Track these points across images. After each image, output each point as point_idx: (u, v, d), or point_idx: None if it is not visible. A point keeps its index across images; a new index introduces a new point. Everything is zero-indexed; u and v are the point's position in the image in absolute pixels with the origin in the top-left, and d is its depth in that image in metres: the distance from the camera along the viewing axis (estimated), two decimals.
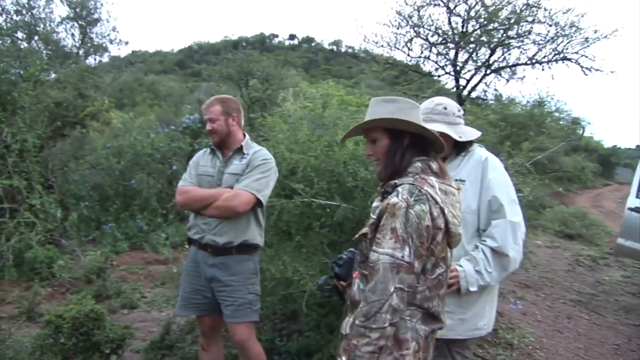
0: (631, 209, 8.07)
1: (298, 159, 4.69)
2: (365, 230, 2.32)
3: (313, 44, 71.56)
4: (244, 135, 3.97)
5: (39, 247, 8.21)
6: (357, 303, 2.26)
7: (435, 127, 2.80)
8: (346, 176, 4.54)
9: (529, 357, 5.25)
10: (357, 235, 2.38)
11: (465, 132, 3.06)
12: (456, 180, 2.59)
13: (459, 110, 3.12)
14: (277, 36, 78.37)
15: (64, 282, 7.72)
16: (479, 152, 3.09)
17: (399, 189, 2.22)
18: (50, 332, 4.00)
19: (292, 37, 76.47)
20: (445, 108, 3.06)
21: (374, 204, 2.38)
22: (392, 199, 2.19)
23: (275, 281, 4.40)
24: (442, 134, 2.69)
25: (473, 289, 2.87)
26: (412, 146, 2.35)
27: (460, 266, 2.86)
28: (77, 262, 8.44)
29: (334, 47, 67.05)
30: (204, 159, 3.97)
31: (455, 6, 11.12)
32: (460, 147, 3.08)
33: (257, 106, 14.85)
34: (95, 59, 20.64)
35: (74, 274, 7.91)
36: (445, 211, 2.23)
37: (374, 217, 2.27)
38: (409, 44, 11.24)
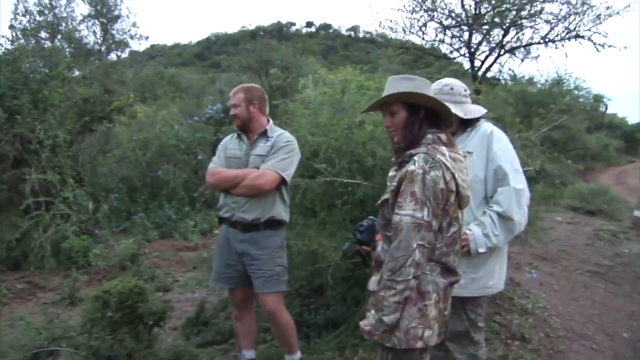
0: None
1: (320, 142, 4.97)
2: (386, 196, 2.62)
3: (330, 31, 71.47)
4: (268, 120, 4.26)
5: (74, 237, 8.58)
6: (382, 262, 2.55)
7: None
8: (366, 156, 4.82)
9: (544, 322, 5.49)
10: (379, 201, 2.67)
11: (470, 110, 3.35)
12: (465, 152, 2.86)
13: (465, 90, 3.42)
14: (294, 24, 78.51)
15: (99, 269, 8.09)
16: (485, 126, 3.37)
17: (415, 157, 2.51)
18: (98, 307, 4.35)
19: (309, 24, 76.59)
20: (452, 89, 3.37)
21: (391, 174, 2.69)
22: (410, 167, 2.49)
23: (302, 255, 4.70)
24: None
25: (482, 250, 3.16)
26: (426, 119, 2.63)
27: (470, 230, 3.14)
28: (111, 250, 8.80)
29: (352, 33, 66.92)
30: (231, 143, 4.29)
31: None
32: (468, 123, 3.36)
33: (278, 94, 15.09)
34: (116, 55, 21.08)
35: (109, 262, 8.27)
36: (456, 176, 2.52)
37: (394, 184, 2.55)
38: (423, 28, 11.44)
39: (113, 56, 20.91)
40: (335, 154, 4.89)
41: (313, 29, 74.23)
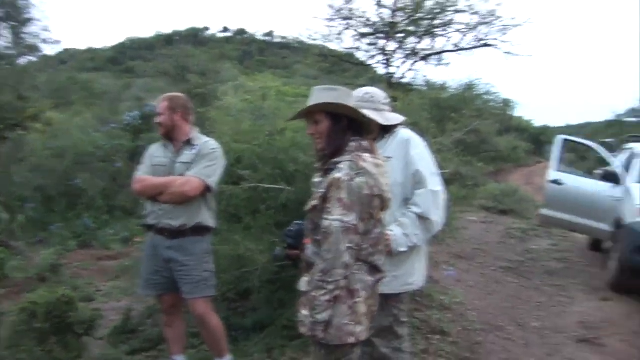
0: (551, 182, 8.82)
1: (243, 148, 5.07)
2: (315, 202, 2.75)
3: (246, 36, 71.16)
4: (193, 128, 4.34)
5: None
6: (312, 264, 2.70)
7: (364, 113, 3.24)
8: (288, 162, 4.95)
9: (462, 316, 5.80)
10: (308, 207, 2.80)
11: (389, 118, 3.54)
12: (385, 157, 3.03)
13: (385, 99, 3.60)
14: (209, 29, 77.74)
15: (17, 282, 7.86)
16: (403, 132, 3.57)
17: (341, 165, 2.67)
18: (25, 318, 4.29)
19: (225, 29, 76.01)
20: (372, 97, 3.54)
21: (316, 180, 2.84)
22: (337, 175, 2.64)
23: (228, 260, 4.79)
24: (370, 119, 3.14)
25: (403, 249, 3.35)
26: (349, 128, 2.79)
27: (391, 231, 3.32)
28: (29, 262, 8.56)
29: (268, 39, 66.86)
30: (157, 151, 4.33)
31: None
32: (387, 130, 3.54)
33: (197, 100, 15.03)
34: (27, 60, 20.36)
35: (27, 274, 8.05)
36: (379, 180, 2.69)
37: (322, 190, 2.70)
38: (340, 36, 11.70)
39: (23, 61, 20.18)
40: (258, 160, 5.01)
41: (229, 34, 73.71)
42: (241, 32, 71.47)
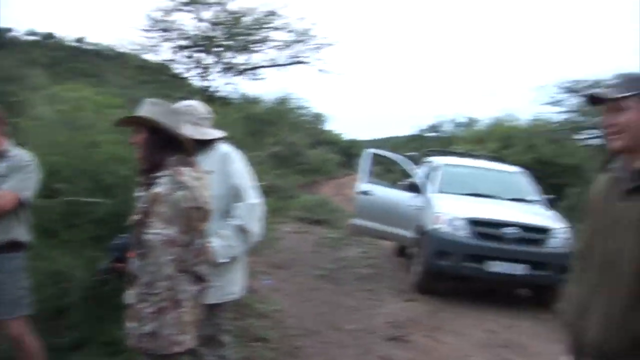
0: (360, 193, 9.44)
1: (59, 161, 4.90)
2: (137, 217, 2.79)
3: (55, 40, 67.04)
4: (5, 141, 4.12)
5: None
6: (137, 277, 2.73)
7: (181, 127, 3.32)
8: (106, 175, 4.86)
9: (281, 323, 6.04)
10: (131, 222, 2.83)
11: (207, 132, 3.64)
12: (205, 170, 3.13)
13: (205, 113, 3.70)
14: (12, 30, 72.23)
15: None
16: (222, 147, 3.70)
17: (161, 180, 2.74)
18: None
19: (32, 32, 71.09)
20: (192, 111, 3.62)
21: (139, 194, 2.87)
22: (157, 189, 2.71)
23: (43, 276, 4.59)
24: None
25: (223, 260, 3.47)
26: (167, 143, 2.86)
27: (211, 242, 3.41)
28: None
29: (79, 45, 63.57)
30: None
31: (200, 11, 11.67)
32: (207, 144, 3.63)
33: (6, 109, 13.97)
34: None
35: None
36: (199, 194, 2.78)
37: (144, 205, 2.75)
38: (157, 47, 11.60)
39: None
40: (74, 173, 4.86)
41: (36, 38, 69.11)
42: (49, 36, 67.20)
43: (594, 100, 2.34)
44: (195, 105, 3.73)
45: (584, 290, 2.33)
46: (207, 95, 11.41)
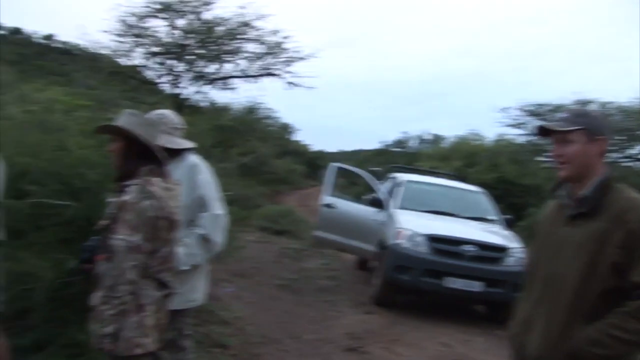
0: (324, 205, 9.60)
1: (28, 162, 4.94)
2: (105, 221, 2.90)
3: (21, 36, 65.67)
4: None
5: None
6: (102, 280, 2.84)
7: (154, 138, 3.42)
8: (76, 178, 4.93)
9: (241, 331, 6.13)
10: (99, 226, 2.94)
11: (176, 142, 3.75)
12: (175, 181, 3.24)
13: (177, 123, 3.80)
14: None
15: None
16: (190, 158, 3.82)
17: (130, 189, 2.85)
18: None
19: None
20: (164, 120, 3.73)
21: (112, 200, 2.97)
22: (125, 197, 2.84)
23: (10, 276, 4.62)
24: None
25: (185, 268, 3.58)
26: (142, 154, 2.97)
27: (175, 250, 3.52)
28: None
29: (47, 42, 62.40)
30: None
31: (174, 19, 11.72)
32: (177, 154, 3.74)
33: None
34: None
35: None
36: (167, 204, 2.90)
37: (112, 210, 2.86)
38: (130, 52, 11.62)
39: None
40: (43, 175, 4.91)
41: (2, 32, 67.74)
42: (16, 31, 65.84)
43: (543, 131, 2.54)
44: (168, 114, 3.83)
45: (528, 306, 2.52)
46: (177, 103, 11.44)
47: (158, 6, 11.25)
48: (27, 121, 5.82)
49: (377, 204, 9.44)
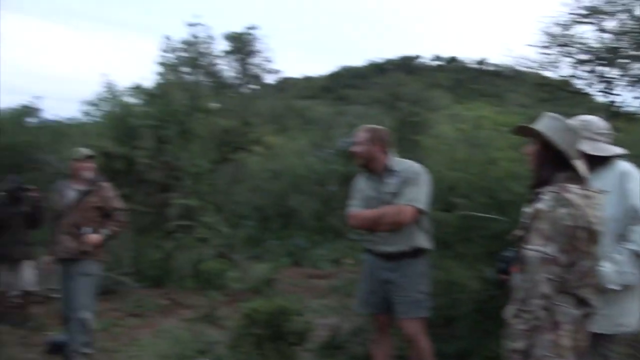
0: None
1: (457, 177, 5.12)
2: (519, 232, 2.77)
3: (457, 64, 70.40)
4: (390, 156, 4.40)
5: (212, 259, 9.09)
6: (516, 292, 2.71)
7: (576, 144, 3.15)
8: (502, 192, 4.91)
9: None
10: (514, 237, 2.83)
11: (602, 149, 3.37)
12: (599, 189, 2.92)
13: (602, 129, 3.44)
14: (419, 57, 77.78)
15: (234, 292, 8.50)
16: (620, 165, 3.39)
17: (544, 196, 2.66)
18: (246, 323, 4.71)
19: (436, 58, 75.90)
20: (587, 126, 3.40)
21: (526, 210, 2.83)
22: (539, 205, 2.65)
23: (438, 285, 4.83)
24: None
25: (613, 287, 3.17)
26: (558, 160, 2.77)
27: (602, 266, 3.16)
28: (244, 274, 9.19)
29: (479, 67, 65.76)
30: (364, 184, 4.46)
31: (603, 22, 11.04)
32: (603, 161, 3.39)
33: (406, 127, 15.28)
34: (250, 89, 22.16)
35: (243, 285, 8.68)
36: (585, 212, 2.63)
37: (526, 220, 2.71)
38: (556, 64, 11.30)
39: (246, 89, 21.90)
40: (471, 189, 5.02)
41: (440, 62, 73.60)
42: (452, 60, 71.09)
43: None
44: (592, 120, 3.49)
45: None
46: (611, 111, 10.68)
47: (583, 11, 10.69)
48: (457, 138, 6.03)
49: None
